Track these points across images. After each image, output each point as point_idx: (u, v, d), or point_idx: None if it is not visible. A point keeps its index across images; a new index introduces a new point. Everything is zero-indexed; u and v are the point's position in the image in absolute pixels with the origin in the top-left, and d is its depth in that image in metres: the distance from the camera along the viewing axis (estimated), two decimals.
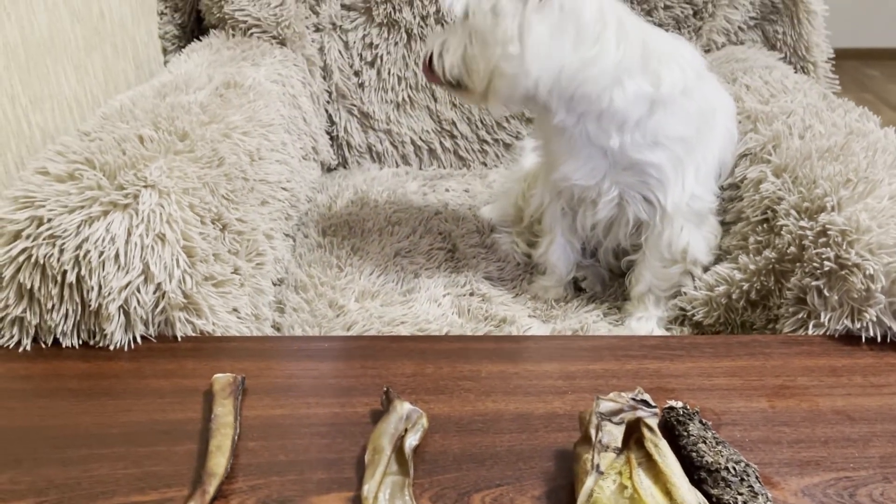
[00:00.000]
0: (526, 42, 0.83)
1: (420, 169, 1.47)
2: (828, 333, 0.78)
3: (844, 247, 0.77)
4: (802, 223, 0.84)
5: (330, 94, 1.43)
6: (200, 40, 1.32)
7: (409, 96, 1.44)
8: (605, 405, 0.58)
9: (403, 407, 0.63)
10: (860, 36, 3.72)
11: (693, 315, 0.97)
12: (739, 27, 1.37)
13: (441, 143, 1.46)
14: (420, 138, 1.46)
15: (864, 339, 0.77)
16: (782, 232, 0.87)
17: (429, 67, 0.92)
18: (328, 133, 1.44)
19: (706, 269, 0.98)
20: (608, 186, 0.95)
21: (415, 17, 1.40)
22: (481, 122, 1.45)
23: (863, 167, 0.84)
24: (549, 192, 1.04)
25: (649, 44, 0.88)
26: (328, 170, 1.45)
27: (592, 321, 1.00)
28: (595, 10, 0.86)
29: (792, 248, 0.84)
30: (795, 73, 1.30)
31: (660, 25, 1.39)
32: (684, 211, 0.96)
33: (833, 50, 1.40)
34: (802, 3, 1.33)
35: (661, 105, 0.89)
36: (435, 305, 1.02)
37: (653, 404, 0.60)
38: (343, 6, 1.40)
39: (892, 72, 3.66)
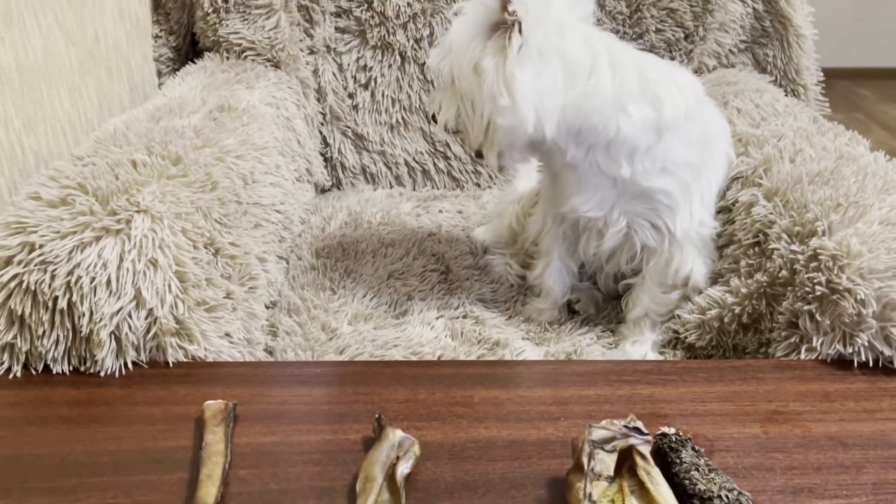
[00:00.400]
0: (515, 93, 0.84)
1: (414, 190, 1.48)
2: (820, 358, 0.79)
3: (835, 271, 0.78)
4: (794, 247, 0.84)
5: (324, 115, 1.43)
6: (195, 63, 1.33)
7: (402, 118, 1.45)
8: (598, 433, 0.58)
9: (395, 434, 0.62)
10: (851, 56, 3.76)
11: (686, 338, 0.97)
12: (730, 50, 1.39)
13: (435, 164, 1.47)
14: (414, 159, 1.46)
15: (856, 364, 0.77)
16: (773, 256, 0.87)
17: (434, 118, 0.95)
18: (322, 154, 1.44)
19: (701, 293, 0.99)
20: (617, 217, 0.95)
21: (408, 40, 1.41)
22: None
23: (853, 192, 0.85)
24: (552, 219, 1.05)
25: (645, 70, 0.89)
26: (322, 191, 1.46)
27: (586, 344, 1.00)
28: (581, 44, 0.86)
29: (783, 272, 0.85)
30: (786, 95, 1.31)
31: (651, 48, 1.41)
32: (692, 237, 0.97)
33: (824, 69, 1.41)
34: (792, 27, 1.34)
35: (667, 130, 0.89)
36: (428, 328, 1.02)
37: (645, 431, 0.60)
38: (337, 29, 1.41)
39: (882, 91, 3.69)
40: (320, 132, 1.44)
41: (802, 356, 0.80)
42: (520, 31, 0.83)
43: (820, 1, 1.51)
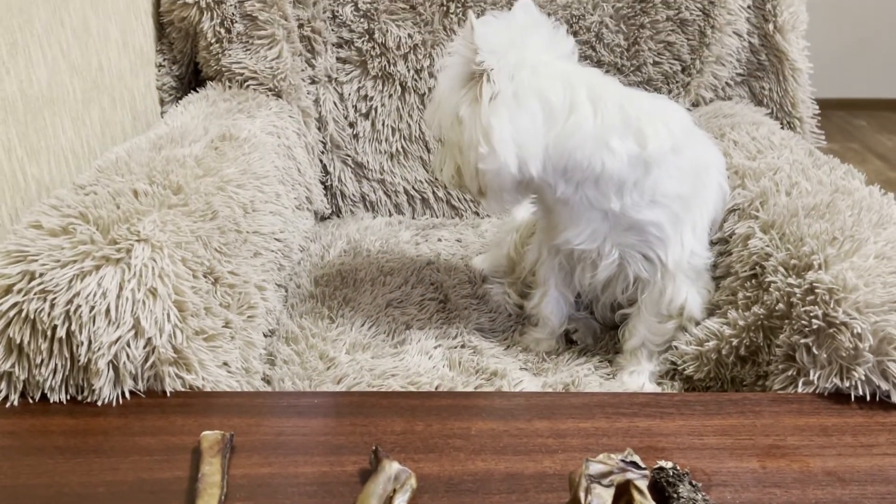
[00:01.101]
0: (492, 139, 0.86)
1: (413, 218, 1.48)
2: (817, 391, 0.79)
3: (832, 305, 0.78)
4: (790, 280, 0.85)
5: (325, 144, 1.44)
6: (197, 91, 1.34)
7: (402, 147, 1.46)
8: (595, 467, 0.58)
9: (392, 467, 0.62)
10: (846, 86, 3.79)
11: (684, 369, 0.97)
12: (727, 83, 1.40)
13: (434, 192, 1.48)
14: (413, 188, 1.47)
15: (853, 398, 0.77)
16: (770, 288, 0.87)
17: None
18: (322, 182, 1.45)
19: (698, 324, 0.99)
20: (609, 249, 0.96)
21: (409, 71, 1.43)
22: None
23: (848, 225, 0.86)
24: (547, 250, 1.05)
25: (627, 105, 0.90)
26: (322, 218, 1.46)
27: (584, 375, 1.00)
28: (557, 83, 0.88)
29: (780, 305, 0.85)
30: (782, 128, 1.32)
31: (649, 81, 1.42)
32: (684, 268, 0.97)
33: (820, 100, 1.43)
34: (788, 61, 1.36)
35: (654, 164, 0.90)
36: (426, 358, 1.02)
37: (642, 466, 0.60)
38: (339, 59, 1.43)
39: (878, 122, 3.72)
40: (321, 160, 1.45)
41: (800, 389, 0.80)
42: (489, 80, 0.84)
43: (815, 32, 1.53)
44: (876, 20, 3.76)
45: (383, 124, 1.45)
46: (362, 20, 1.41)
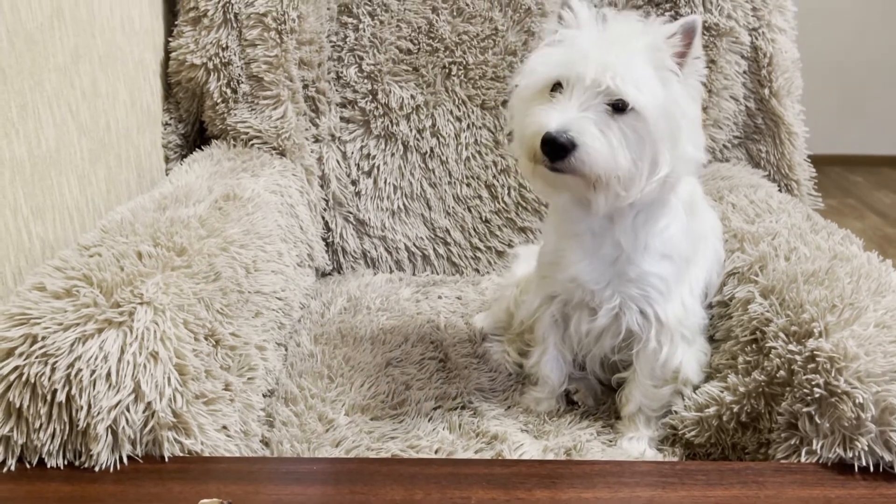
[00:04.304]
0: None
1: (414, 275, 1.49)
2: (821, 461, 0.78)
3: (833, 374, 0.78)
4: (791, 347, 0.85)
5: (327, 201, 1.46)
6: (202, 149, 1.36)
7: (404, 204, 1.47)
8: None
9: None
10: (843, 143, 3.85)
11: (684, 434, 0.96)
12: (724, 145, 1.43)
13: (435, 249, 1.49)
14: (414, 245, 1.48)
15: (856, 469, 0.76)
16: (771, 354, 0.88)
17: None
18: (324, 239, 1.46)
19: (696, 388, 0.99)
20: (610, 294, 0.97)
21: (411, 130, 1.45)
22: (474, 230, 1.48)
23: (848, 293, 0.86)
24: (542, 298, 1.05)
25: None
26: (323, 275, 1.47)
27: (586, 440, 0.99)
28: None
29: (781, 372, 0.85)
30: (780, 190, 1.34)
31: None
32: (681, 327, 0.98)
33: (817, 156, 1.46)
34: (784, 125, 1.38)
35: (691, 212, 0.96)
36: (425, 420, 1.01)
37: None
38: (342, 119, 1.45)
39: (875, 178, 3.76)
40: (323, 217, 1.46)
41: (803, 459, 0.79)
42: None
43: (811, 90, 1.56)
44: (870, 79, 3.84)
45: (385, 182, 1.46)
46: (366, 81, 1.44)
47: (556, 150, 0.83)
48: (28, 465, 0.73)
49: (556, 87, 0.87)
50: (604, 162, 0.83)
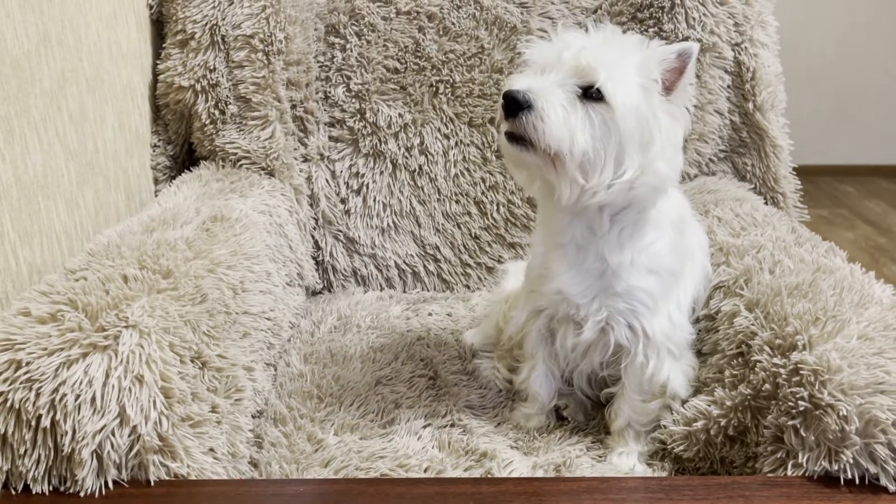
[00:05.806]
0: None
1: (404, 292, 1.49)
2: (807, 474, 0.78)
3: (817, 386, 0.78)
4: (776, 360, 0.85)
5: (316, 220, 1.46)
6: (191, 171, 1.36)
7: (393, 222, 1.48)
8: None
9: None
10: (832, 153, 3.87)
11: (673, 449, 0.96)
12: (710, 159, 1.44)
13: (425, 266, 1.49)
14: (404, 262, 1.49)
15: (842, 481, 0.76)
16: (756, 368, 0.88)
17: None
18: (314, 258, 1.46)
19: (684, 402, 0.99)
20: (597, 308, 0.97)
21: (399, 149, 1.46)
22: (464, 247, 1.49)
23: (831, 305, 0.87)
24: (528, 313, 1.05)
25: None
26: (313, 293, 1.47)
27: (575, 455, 0.99)
28: None
29: (767, 386, 0.85)
30: (766, 203, 1.35)
31: None
32: (668, 342, 0.98)
33: (808, 167, 1.47)
34: (768, 138, 1.39)
35: (681, 229, 0.97)
36: (415, 439, 1.01)
37: None
38: (331, 138, 1.46)
39: (865, 188, 3.78)
40: (312, 236, 1.46)
41: (789, 472, 0.79)
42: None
43: (801, 100, 1.57)
44: (860, 89, 3.87)
45: (374, 200, 1.47)
46: (354, 100, 1.45)
47: (510, 106, 0.84)
48: (13, 492, 0.73)
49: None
50: (557, 132, 0.83)
